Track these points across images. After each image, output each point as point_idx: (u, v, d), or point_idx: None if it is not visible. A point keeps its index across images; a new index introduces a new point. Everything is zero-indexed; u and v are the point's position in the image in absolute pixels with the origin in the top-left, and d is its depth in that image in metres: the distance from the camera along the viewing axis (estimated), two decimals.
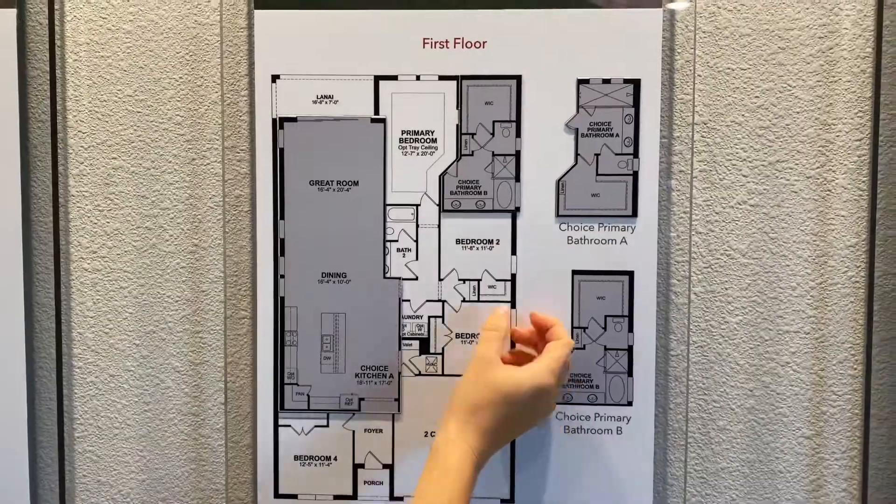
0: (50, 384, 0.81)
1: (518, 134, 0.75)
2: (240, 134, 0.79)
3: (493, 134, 0.75)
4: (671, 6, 0.76)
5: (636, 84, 0.74)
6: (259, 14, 0.76)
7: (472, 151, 0.76)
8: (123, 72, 0.80)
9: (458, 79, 0.75)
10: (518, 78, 0.75)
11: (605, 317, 0.76)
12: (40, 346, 0.81)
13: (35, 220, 0.81)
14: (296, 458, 0.78)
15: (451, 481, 0.64)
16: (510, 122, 0.75)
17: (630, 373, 0.76)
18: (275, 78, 0.76)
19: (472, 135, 0.75)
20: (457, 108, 0.75)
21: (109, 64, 0.80)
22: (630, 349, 0.76)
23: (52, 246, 0.80)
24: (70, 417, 0.82)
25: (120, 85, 0.80)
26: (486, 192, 0.76)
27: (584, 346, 0.76)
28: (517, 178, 0.75)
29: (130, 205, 0.80)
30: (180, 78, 0.79)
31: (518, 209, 0.76)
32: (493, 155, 0.75)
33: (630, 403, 0.76)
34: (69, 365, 0.81)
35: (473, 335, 0.77)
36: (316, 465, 0.78)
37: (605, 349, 0.76)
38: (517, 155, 0.75)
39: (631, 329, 0.76)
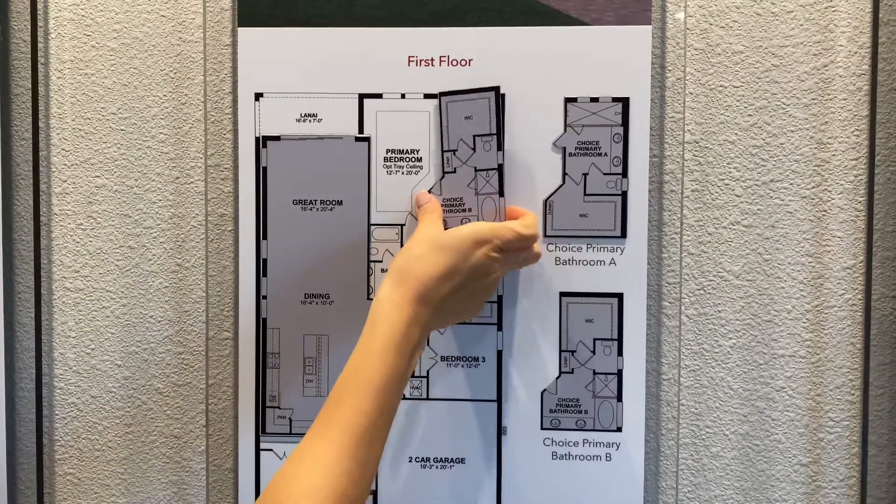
0: (30, 405, 0.80)
1: (500, 147, 0.73)
2: (223, 152, 0.78)
3: (474, 150, 0.73)
4: (678, 16, 0.74)
5: (625, 102, 0.73)
6: (243, 32, 0.75)
7: (455, 168, 0.74)
8: (107, 89, 0.79)
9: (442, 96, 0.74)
10: (496, 89, 0.72)
11: (594, 340, 0.74)
12: (21, 366, 0.80)
13: (17, 239, 0.80)
14: None
15: (374, 331, 0.62)
16: (490, 135, 0.73)
17: (620, 398, 0.74)
18: (258, 96, 0.75)
19: (454, 151, 0.74)
20: (440, 125, 0.74)
21: (93, 81, 0.79)
22: (620, 373, 0.74)
23: (33, 265, 0.79)
24: (50, 439, 0.80)
25: (103, 103, 0.79)
26: (469, 210, 0.74)
27: (573, 370, 0.74)
28: (500, 194, 0.74)
29: (113, 223, 0.79)
30: (164, 96, 0.78)
31: None
32: (476, 171, 0.74)
33: (620, 429, 0.74)
34: (50, 386, 0.80)
35: (459, 358, 0.75)
36: None
37: (595, 373, 0.74)
38: (500, 168, 0.73)
39: (620, 353, 0.74)
